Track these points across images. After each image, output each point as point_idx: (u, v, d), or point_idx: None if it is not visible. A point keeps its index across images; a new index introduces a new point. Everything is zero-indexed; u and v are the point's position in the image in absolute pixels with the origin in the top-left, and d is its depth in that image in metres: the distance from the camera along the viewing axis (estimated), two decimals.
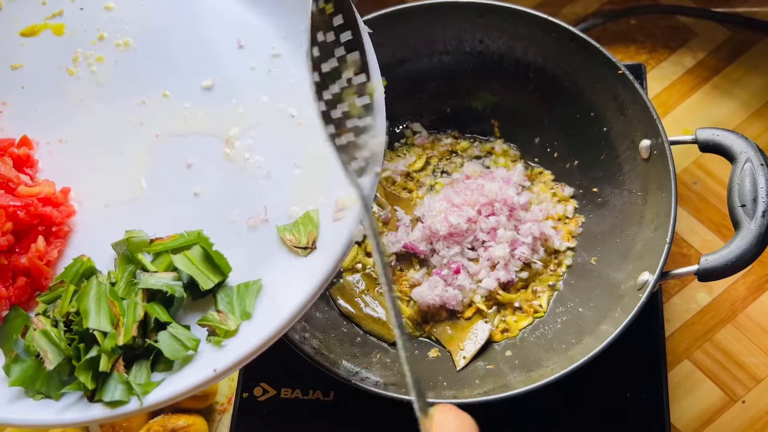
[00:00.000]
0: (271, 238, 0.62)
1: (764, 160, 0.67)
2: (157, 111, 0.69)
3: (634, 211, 0.76)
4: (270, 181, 0.64)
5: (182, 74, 0.69)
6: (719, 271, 0.65)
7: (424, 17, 0.83)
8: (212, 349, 0.59)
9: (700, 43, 1.00)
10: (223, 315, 0.60)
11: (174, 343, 0.59)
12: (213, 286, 0.61)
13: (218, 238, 0.62)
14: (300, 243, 0.61)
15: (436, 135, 0.90)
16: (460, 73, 0.86)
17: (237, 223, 0.63)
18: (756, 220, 0.65)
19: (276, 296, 0.60)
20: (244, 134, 0.66)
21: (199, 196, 0.65)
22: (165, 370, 0.59)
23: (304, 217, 0.62)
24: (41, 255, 0.64)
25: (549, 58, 0.82)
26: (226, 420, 0.85)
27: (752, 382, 0.82)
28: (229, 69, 0.69)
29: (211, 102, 0.68)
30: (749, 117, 0.95)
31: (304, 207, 0.62)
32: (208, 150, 0.66)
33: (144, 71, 0.70)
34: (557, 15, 0.97)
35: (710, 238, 0.88)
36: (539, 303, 0.80)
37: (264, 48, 0.69)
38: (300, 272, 0.59)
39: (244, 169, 0.65)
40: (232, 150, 0.66)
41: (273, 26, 0.69)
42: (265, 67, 0.68)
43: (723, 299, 0.86)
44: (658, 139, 0.72)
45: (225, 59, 0.69)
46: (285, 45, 0.68)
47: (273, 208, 0.63)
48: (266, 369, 0.82)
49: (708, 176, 0.92)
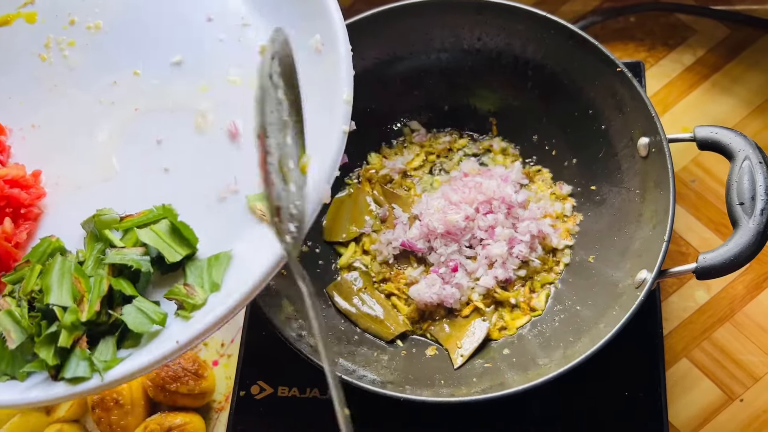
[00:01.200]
0: (241, 209, 0.62)
1: (763, 158, 0.67)
2: (128, 90, 0.69)
3: (633, 209, 0.76)
4: (240, 151, 0.64)
5: (152, 52, 0.69)
6: (717, 269, 0.65)
7: (423, 14, 0.83)
8: (180, 323, 0.58)
9: (700, 41, 1.00)
10: (190, 288, 0.59)
11: (139, 316, 0.58)
12: (181, 258, 0.60)
13: (189, 212, 0.62)
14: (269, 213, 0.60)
15: (434, 133, 0.90)
16: (459, 71, 0.86)
17: (207, 196, 0.63)
18: (754, 218, 0.65)
19: (244, 266, 0.59)
20: (214, 106, 0.66)
21: (169, 171, 0.65)
22: (132, 346, 0.59)
23: None
24: (8, 236, 0.64)
25: (548, 56, 0.82)
26: (223, 418, 0.85)
27: (750, 381, 0.82)
28: (198, 43, 0.68)
29: (181, 77, 0.68)
30: (749, 114, 0.94)
31: None
32: (179, 125, 0.66)
33: (114, 52, 0.70)
34: (556, 12, 0.97)
35: (709, 237, 0.88)
36: (537, 301, 0.79)
37: (233, 18, 0.68)
38: (268, 240, 0.58)
39: (214, 141, 0.65)
40: (203, 123, 0.65)
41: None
42: (234, 37, 0.68)
43: (721, 298, 0.86)
44: (657, 137, 0.72)
45: (194, 33, 0.69)
46: (254, 13, 0.68)
47: (244, 178, 0.62)
48: (263, 367, 0.82)
49: (707, 174, 0.91)
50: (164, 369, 0.82)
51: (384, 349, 0.79)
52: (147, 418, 0.84)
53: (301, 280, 0.54)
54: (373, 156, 0.89)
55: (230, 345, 0.89)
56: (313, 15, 0.62)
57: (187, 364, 0.83)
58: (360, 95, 0.85)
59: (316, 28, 0.62)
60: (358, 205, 0.87)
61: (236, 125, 0.64)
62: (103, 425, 0.83)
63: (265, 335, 0.83)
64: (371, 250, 0.84)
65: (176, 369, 0.82)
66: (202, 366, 0.84)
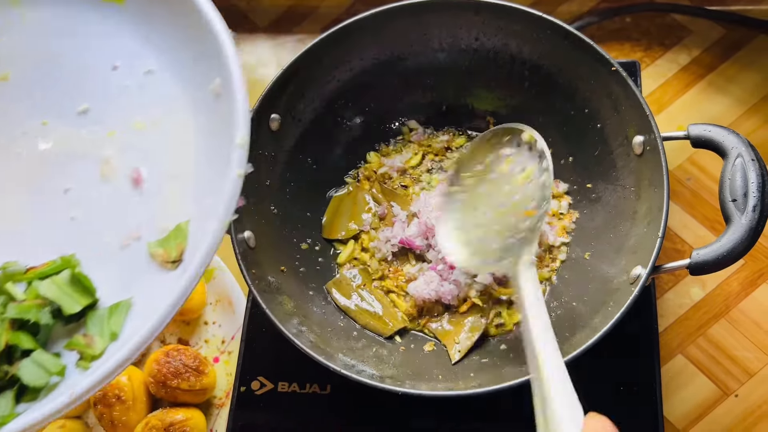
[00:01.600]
0: (143, 256, 0.61)
1: (755, 155, 0.68)
2: (36, 140, 0.68)
3: (628, 206, 0.77)
4: (143, 198, 0.64)
5: (60, 101, 0.69)
6: (711, 264, 0.66)
7: (421, 15, 0.83)
8: (80, 373, 0.58)
9: (695, 41, 1.01)
10: (89, 338, 0.59)
11: (36, 370, 0.57)
12: (81, 309, 0.60)
13: (93, 260, 0.62)
14: (170, 257, 0.60)
15: (432, 132, 0.91)
16: (456, 71, 0.87)
17: (111, 243, 0.63)
18: (747, 215, 0.66)
19: (143, 312, 0.59)
20: (119, 153, 0.66)
21: (75, 220, 0.65)
22: (32, 399, 0.58)
23: (175, 230, 0.61)
24: None
25: (544, 56, 0.83)
26: (223, 414, 0.85)
27: (745, 376, 0.82)
28: (104, 91, 0.68)
29: (88, 125, 0.68)
30: (744, 113, 0.95)
31: (176, 220, 0.61)
32: (85, 173, 0.66)
33: (23, 102, 0.69)
34: (553, 13, 0.98)
35: (703, 234, 0.89)
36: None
37: (138, 66, 0.68)
38: (168, 285, 0.58)
39: (118, 188, 0.65)
40: (108, 170, 0.65)
41: (146, 43, 0.69)
42: (138, 84, 0.67)
43: (716, 295, 0.87)
44: (651, 135, 0.72)
45: (100, 82, 0.68)
46: (159, 60, 0.68)
47: (146, 224, 0.62)
48: (264, 363, 0.83)
49: (702, 173, 0.92)
50: (166, 365, 0.83)
51: (383, 344, 0.79)
52: (148, 414, 0.85)
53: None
54: (372, 155, 0.90)
55: (231, 342, 0.90)
56: (212, 60, 0.62)
57: (188, 360, 0.84)
58: (359, 95, 0.87)
59: (216, 72, 0.61)
60: (357, 203, 0.88)
61: (140, 172, 0.64)
62: (104, 421, 0.83)
63: (265, 331, 0.84)
64: (370, 247, 0.85)
65: (177, 365, 0.83)
66: (203, 362, 0.85)
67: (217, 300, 0.92)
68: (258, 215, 0.80)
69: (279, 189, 0.83)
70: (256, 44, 1.12)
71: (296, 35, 1.11)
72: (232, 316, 0.90)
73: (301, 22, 1.12)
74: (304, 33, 1.11)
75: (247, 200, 0.78)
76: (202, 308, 0.91)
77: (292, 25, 1.12)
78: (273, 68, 1.09)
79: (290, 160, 0.84)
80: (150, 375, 0.84)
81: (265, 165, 0.81)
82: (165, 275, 0.59)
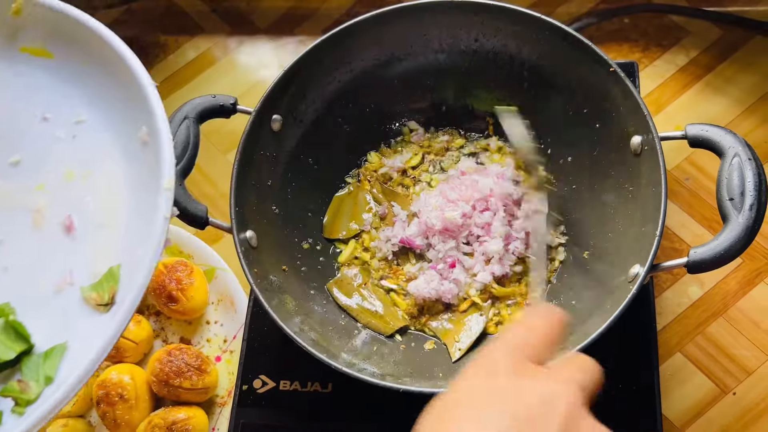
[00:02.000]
0: (76, 300, 0.62)
1: (752, 154, 0.68)
2: None
3: (626, 206, 0.77)
4: (75, 244, 0.65)
5: None
6: (708, 262, 0.66)
7: (421, 16, 0.84)
8: (15, 419, 0.58)
9: (693, 42, 1.01)
10: (23, 384, 0.59)
11: None
12: (16, 355, 0.60)
13: (27, 307, 0.62)
14: (102, 300, 0.61)
15: (432, 132, 0.92)
16: (456, 72, 0.88)
17: (46, 291, 0.63)
18: (743, 213, 0.66)
19: (77, 355, 0.59)
20: (51, 202, 0.66)
21: (8, 269, 0.65)
22: None
23: (107, 274, 0.62)
24: None
25: (543, 57, 0.83)
26: (225, 413, 0.86)
27: (743, 375, 0.83)
28: (34, 142, 0.69)
29: (19, 177, 0.68)
30: (741, 114, 0.96)
31: (107, 264, 0.62)
32: (17, 224, 0.66)
33: None
34: (552, 14, 0.98)
35: (702, 233, 0.90)
36: (533, 296, 0.81)
37: (68, 116, 0.69)
38: (101, 327, 0.59)
39: (51, 236, 0.65)
40: (40, 219, 0.66)
41: (76, 93, 0.69)
42: (69, 134, 0.68)
43: (714, 293, 0.87)
44: (649, 135, 0.73)
45: (30, 133, 0.69)
46: (89, 110, 0.69)
47: (79, 270, 0.63)
48: (265, 362, 0.83)
49: (700, 173, 0.93)
50: (168, 364, 0.83)
51: (384, 343, 0.80)
52: (151, 413, 0.85)
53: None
54: (373, 155, 0.91)
55: (233, 341, 0.90)
56: (139, 108, 0.63)
57: (191, 359, 0.84)
58: (359, 96, 0.88)
59: (143, 120, 0.63)
60: (357, 203, 0.88)
61: (72, 219, 0.65)
62: (107, 420, 0.84)
63: (267, 330, 0.85)
64: (371, 246, 0.86)
65: (180, 364, 0.84)
66: (206, 361, 0.85)
67: (219, 299, 0.93)
68: (260, 215, 0.80)
69: (280, 189, 0.84)
70: (256, 46, 1.13)
71: (297, 37, 1.12)
72: (234, 316, 0.91)
73: (302, 23, 1.13)
74: (304, 34, 1.12)
75: (249, 200, 0.79)
76: (204, 308, 0.92)
77: (292, 27, 1.13)
78: (274, 69, 1.09)
79: (291, 160, 0.85)
80: (152, 374, 0.84)
81: (266, 165, 0.82)
82: (98, 318, 0.60)
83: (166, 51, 1.14)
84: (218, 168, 1.04)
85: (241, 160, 0.78)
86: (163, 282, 0.88)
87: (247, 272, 0.73)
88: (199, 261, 0.94)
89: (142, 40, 1.15)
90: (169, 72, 1.12)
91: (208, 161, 1.04)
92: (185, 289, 0.88)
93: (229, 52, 1.13)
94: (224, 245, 0.98)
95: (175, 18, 1.17)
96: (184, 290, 0.88)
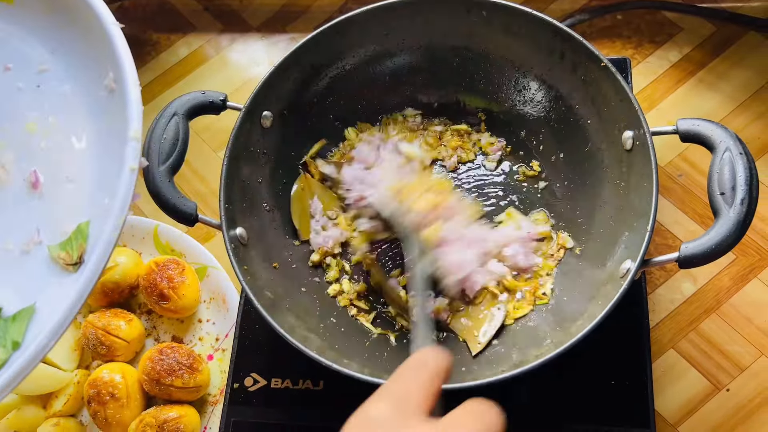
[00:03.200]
0: (44, 260, 0.60)
1: (743, 149, 0.68)
2: None
3: (618, 201, 0.77)
4: (42, 201, 0.62)
5: None
6: (699, 257, 0.66)
7: (412, 11, 0.84)
8: None
9: (686, 38, 1.01)
10: None
11: None
12: None
13: None
14: (71, 259, 0.59)
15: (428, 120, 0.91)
16: (448, 68, 0.87)
17: (12, 251, 0.61)
18: (735, 208, 0.66)
19: (47, 317, 0.57)
20: (15, 158, 0.64)
21: None
22: None
23: (75, 232, 0.59)
24: None
25: (535, 52, 0.83)
26: (217, 411, 0.86)
27: (736, 371, 0.83)
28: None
29: None
30: (734, 110, 0.96)
31: (76, 221, 0.60)
32: None
33: None
34: (545, 10, 0.98)
35: (694, 229, 0.90)
36: (544, 288, 0.80)
37: (31, 66, 0.67)
38: (69, 287, 0.57)
39: (16, 193, 0.63)
40: (4, 176, 0.64)
41: (38, 42, 0.67)
42: (32, 84, 0.66)
43: (707, 290, 0.87)
44: (640, 130, 0.73)
45: None
46: (52, 59, 0.66)
47: (46, 228, 0.61)
48: (257, 360, 0.83)
49: (693, 168, 0.93)
50: (159, 363, 0.83)
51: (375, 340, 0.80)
52: (142, 412, 0.85)
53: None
54: (350, 131, 0.90)
55: (225, 339, 0.90)
56: (104, 54, 0.61)
57: (182, 358, 0.84)
58: (350, 92, 0.88)
59: (109, 66, 0.60)
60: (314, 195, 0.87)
61: (37, 175, 0.63)
62: (98, 419, 0.84)
63: (258, 328, 0.84)
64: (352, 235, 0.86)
65: (171, 363, 0.83)
66: (197, 360, 0.85)
67: (211, 298, 0.92)
68: (250, 212, 0.80)
69: (270, 186, 0.84)
70: (248, 43, 1.12)
71: (289, 34, 1.12)
72: (226, 314, 0.91)
73: (294, 20, 1.12)
74: (296, 32, 1.11)
75: (239, 197, 0.79)
76: (196, 306, 0.92)
77: (284, 24, 1.12)
78: (265, 67, 1.08)
79: (281, 157, 0.85)
80: (144, 373, 0.84)
81: (256, 162, 0.82)
82: (67, 278, 0.58)
83: (158, 48, 1.14)
84: (208, 165, 1.04)
85: (230, 156, 0.77)
86: (154, 280, 0.88)
87: (237, 270, 0.73)
88: (190, 259, 0.94)
89: (134, 37, 1.15)
90: (161, 70, 1.12)
91: (199, 158, 1.04)
92: (177, 287, 0.88)
93: (221, 50, 1.13)
94: (216, 243, 0.98)
95: (167, 15, 1.17)
96: (176, 288, 0.88)
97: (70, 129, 0.64)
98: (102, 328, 0.87)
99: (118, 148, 0.58)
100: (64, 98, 0.65)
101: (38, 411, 0.88)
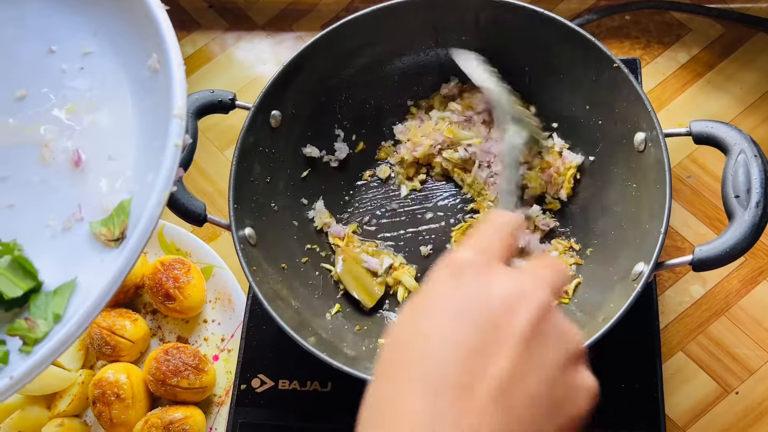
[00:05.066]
0: (86, 236, 0.61)
1: (758, 151, 0.67)
2: None
3: (630, 203, 0.77)
4: (84, 178, 0.63)
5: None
6: (713, 260, 0.66)
7: (421, 11, 0.83)
8: (23, 358, 0.57)
9: (694, 39, 1.01)
10: (31, 322, 0.58)
11: None
12: (23, 293, 0.59)
13: (35, 245, 0.61)
14: (113, 236, 0.59)
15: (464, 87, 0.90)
16: (457, 67, 0.86)
17: (53, 227, 0.62)
18: (749, 211, 0.65)
19: (86, 292, 0.58)
20: (59, 135, 0.65)
21: (14, 207, 0.64)
22: None
23: (117, 208, 0.60)
24: None
25: (544, 53, 0.82)
26: (223, 412, 0.85)
27: (745, 374, 0.82)
28: (41, 75, 0.68)
29: (26, 110, 0.67)
30: (743, 111, 0.95)
31: (118, 198, 0.61)
32: (24, 159, 0.65)
33: None
34: (554, 10, 0.97)
35: (704, 232, 0.89)
36: (565, 290, 0.80)
37: (74, 48, 0.68)
38: (110, 263, 0.58)
39: (58, 171, 0.64)
40: (47, 154, 0.65)
41: (82, 24, 0.68)
42: (76, 66, 0.67)
43: (717, 292, 0.87)
44: (653, 132, 0.72)
45: (36, 67, 0.68)
46: (95, 41, 0.67)
47: (88, 205, 0.62)
48: (264, 361, 0.82)
49: (702, 170, 0.92)
50: (165, 363, 0.82)
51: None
52: (148, 413, 0.84)
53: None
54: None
55: (230, 340, 0.89)
56: (149, 35, 0.62)
57: (188, 358, 0.83)
58: (358, 91, 0.87)
59: (152, 47, 0.62)
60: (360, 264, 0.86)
61: (79, 153, 0.64)
62: (103, 419, 0.83)
63: (265, 329, 0.84)
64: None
65: (177, 363, 0.83)
66: (203, 360, 0.85)
67: (217, 298, 0.92)
68: (259, 212, 0.79)
69: (279, 186, 0.83)
70: (255, 42, 1.12)
71: (295, 32, 1.11)
72: (232, 314, 0.90)
73: (300, 19, 1.12)
74: (303, 30, 1.11)
75: (248, 197, 0.78)
76: (202, 306, 0.91)
77: (291, 23, 1.12)
78: (272, 66, 1.08)
79: (290, 156, 0.84)
80: (149, 373, 0.83)
81: (265, 162, 0.81)
82: (108, 254, 0.59)
83: None
84: (216, 165, 1.03)
85: (239, 156, 0.77)
86: (160, 280, 0.87)
87: (246, 270, 0.72)
88: (196, 259, 0.93)
89: None
90: None
91: (206, 158, 1.03)
92: (182, 287, 0.87)
93: (226, 48, 1.12)
94: (222, 243, 0.97)
95: (172, 13, 1.14)
96: (182, 288, 0.87)
97: (112, 109, 0.65)
98: (107, 328, 0.86)
99: (161, 126, 0.59)
100: (107, 79, 0.66)
101: (42, 411, 0.87)
